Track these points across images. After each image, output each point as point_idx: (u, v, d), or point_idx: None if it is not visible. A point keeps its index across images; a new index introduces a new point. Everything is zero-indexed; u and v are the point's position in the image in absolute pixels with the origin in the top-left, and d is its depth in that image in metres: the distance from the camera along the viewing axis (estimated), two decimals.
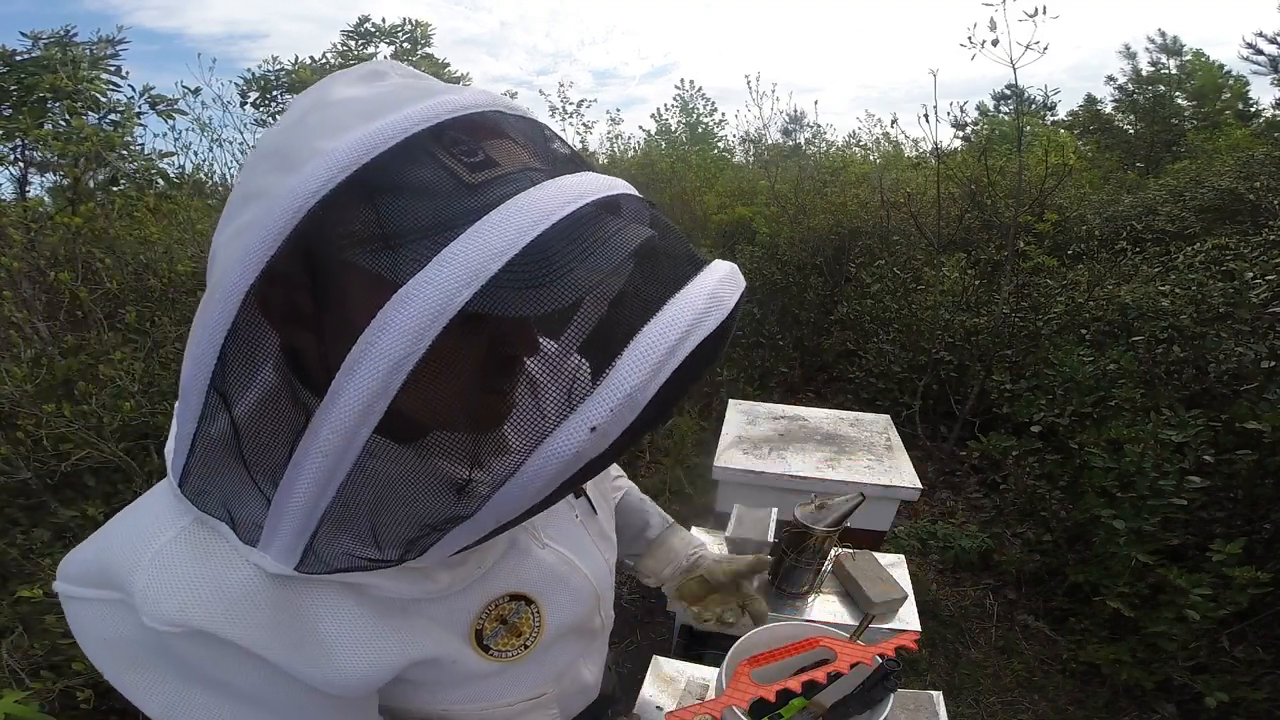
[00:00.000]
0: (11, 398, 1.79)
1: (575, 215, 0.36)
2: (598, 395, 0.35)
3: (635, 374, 0.35)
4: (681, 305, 0.37)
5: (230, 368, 0.38)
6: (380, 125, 0.36)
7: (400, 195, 0.35)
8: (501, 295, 0.34)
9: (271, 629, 0.44)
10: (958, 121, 5.16)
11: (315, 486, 0.38)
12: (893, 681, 0.78)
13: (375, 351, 0.33)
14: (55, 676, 1.59)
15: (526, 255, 0.34)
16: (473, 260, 0.33)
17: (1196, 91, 8.39)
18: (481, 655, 0.57)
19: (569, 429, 0.35)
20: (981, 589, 2.55)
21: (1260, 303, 2.35)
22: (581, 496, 0.68)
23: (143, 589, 0.42)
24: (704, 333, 0.37)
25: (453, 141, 0.38)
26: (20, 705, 1.40)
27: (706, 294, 0.38)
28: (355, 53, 6.26)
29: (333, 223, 0.35)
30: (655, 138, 8.22)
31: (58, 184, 3.46)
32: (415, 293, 0.33)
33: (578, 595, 0.64)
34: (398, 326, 0.33)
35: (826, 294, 4.27)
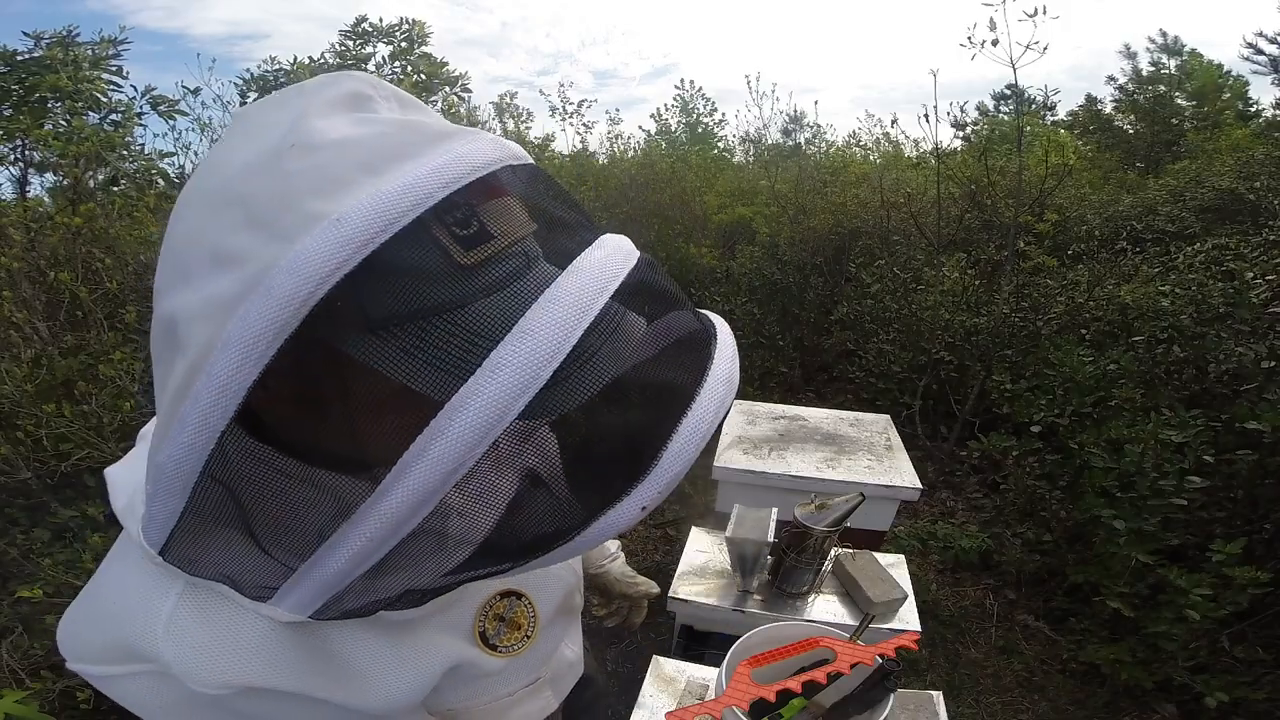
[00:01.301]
0: (11, 398, 1.79)
1: (608, 307, 0.36)
2: (650, 480, 0.36)
3: (680, 461, 0.37)
4: (709, 394, 0.39)
5: (230, 456, 0.36)
6: (390, 190, 0.31)
7: (413, 281, 0.33)
8: (552, 400, 0.34)
9: (309, 671, 0.45)
10: (958, 121, 5.16)
11: (353, 564, 0.37)
12: (893, 681, 0.78)
13: (430, 458, 0.32)
14: (55, 676, 1.59)
15: (574, 357, 0.34)
16: (526, 366, 0.32)
17: (1196, 91, 8.38)
18: (491, 654, 0.60)
19: (626, 508, 0.37)
20: (981, 589, 2.55)
21: (1260, 303, 2.35)
22: None
23: (174, 660, 0.42)
24: (725, 412, 0.39)
25: (466, 218, 0.35)
26: (20, 705, 1.40)
27: (724, 379, 0.40)
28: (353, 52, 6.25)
29: (344, 313, 0.32)
30: (655, 138, 8.21)
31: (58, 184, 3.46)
32: (468, 404, 0.32)
33: (561, 579, 0.68)
34: (454, 434, 0.32)
35: (826, 294, 4.27)
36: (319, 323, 0.31)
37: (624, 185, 4.94)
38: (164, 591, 0.44)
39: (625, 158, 6.49)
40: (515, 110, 6.33)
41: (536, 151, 5.70)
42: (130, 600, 0.44)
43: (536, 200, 0.41)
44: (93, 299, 2.18)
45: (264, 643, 0.44)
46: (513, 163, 0.39)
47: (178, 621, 0.43)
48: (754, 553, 1.28)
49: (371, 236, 0.30)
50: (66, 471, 1.85)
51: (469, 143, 0.36)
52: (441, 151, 0.34)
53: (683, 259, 4.78)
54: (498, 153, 0.37)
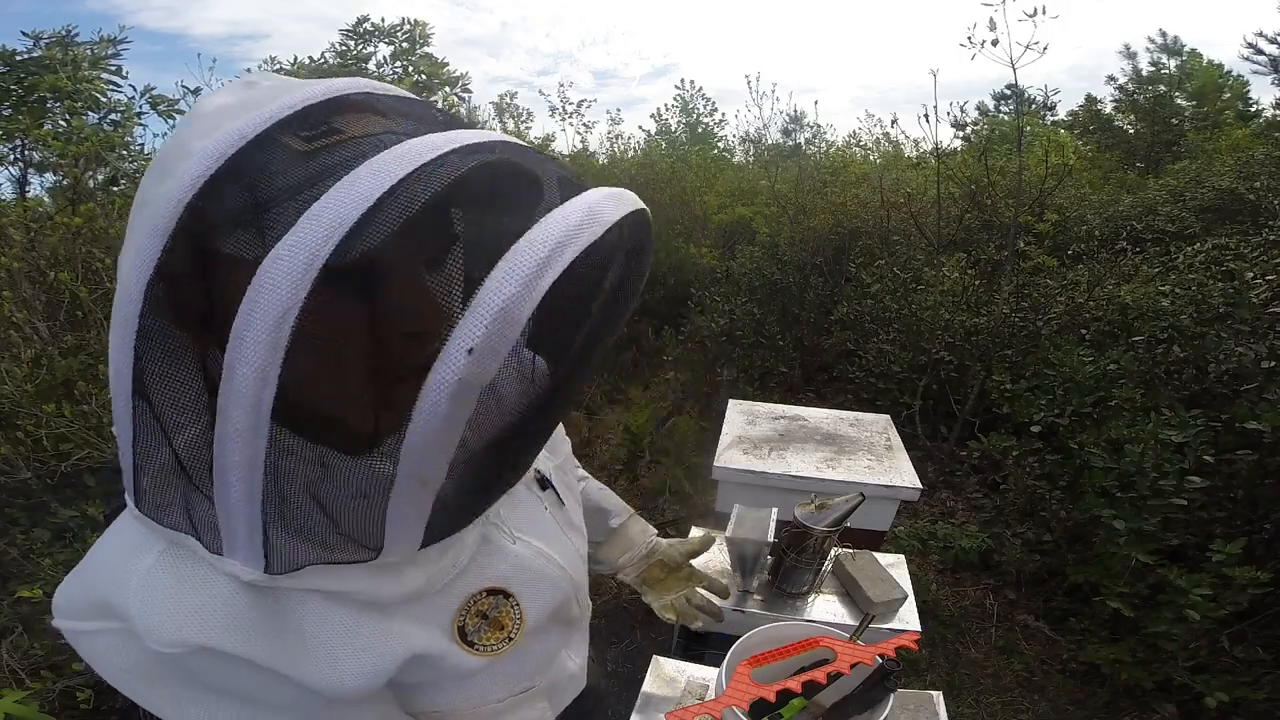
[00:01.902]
0: (11, 398, 1.79)
1: (438, 159, 0.36)
2: (469, 315, 0.35)
3: (506, 287, 0.35)
4: (554, 218, 0.37)
5: (148, 372, 0.38)
6: (243, 120, 0.37)
7: (264, 178, 0.36)
8: (366, 242, 0.34)
9: (266, 638, 0.45)
10: (958, 121, 5.16)
11: (242, 470, 0.38)
12: (893, 681, 0.78)
13: (256, 315, 0.34)
14: (55, 676, 1.59)
15: (386, 200, 0.34)
16: (334, 213, 0.34)
17: (1196, 91, 8.38)
18: (468, 650, 0.58)
19: (447, 357, 0.35)
20: (981, 589, 2.55)
21: (1260, 303, 2.35)
22: (549, 489, 0.70)
23: (137, 615, 0.43)
24: (582, 244, 0.37)
25: (314, 124, 0.39)
26: (20, 705, 1.40)
27: (584, 208, 0.38)
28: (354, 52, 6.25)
29: (207, 214, 0.36)
30: (655, 138, 8.21)
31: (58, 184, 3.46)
32: (281, 252, 0.34)
33: (555, 584, 0.66)
34: (269, 286, 0.34)
35: (826, 294, 4.27)
36: (191, 227, 0.36)
37: (624, 185, 4.93)
38: (145, 550, 0.45)
39: (625, 158, 6.50)
40: (515, 110, 6.33)
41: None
42: (112, 557, 0.46)
43: (399, 111, 0.43)
44: (93, 299, 2.18)
45: (224, 605, 0.44)
46: (371, 90, 0.42)
47: (149, 578, 0.44)
48: (754, 553, 1.28)
49: (221, 152, 0.35)
50: (66, 471, 1.85)
51: (322, 81, 0.40)
52: (297, 89, 0.39)
53: (683, 259, 4.78)
54: (349, 83, 0.42)
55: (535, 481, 0.69)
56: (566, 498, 0.73)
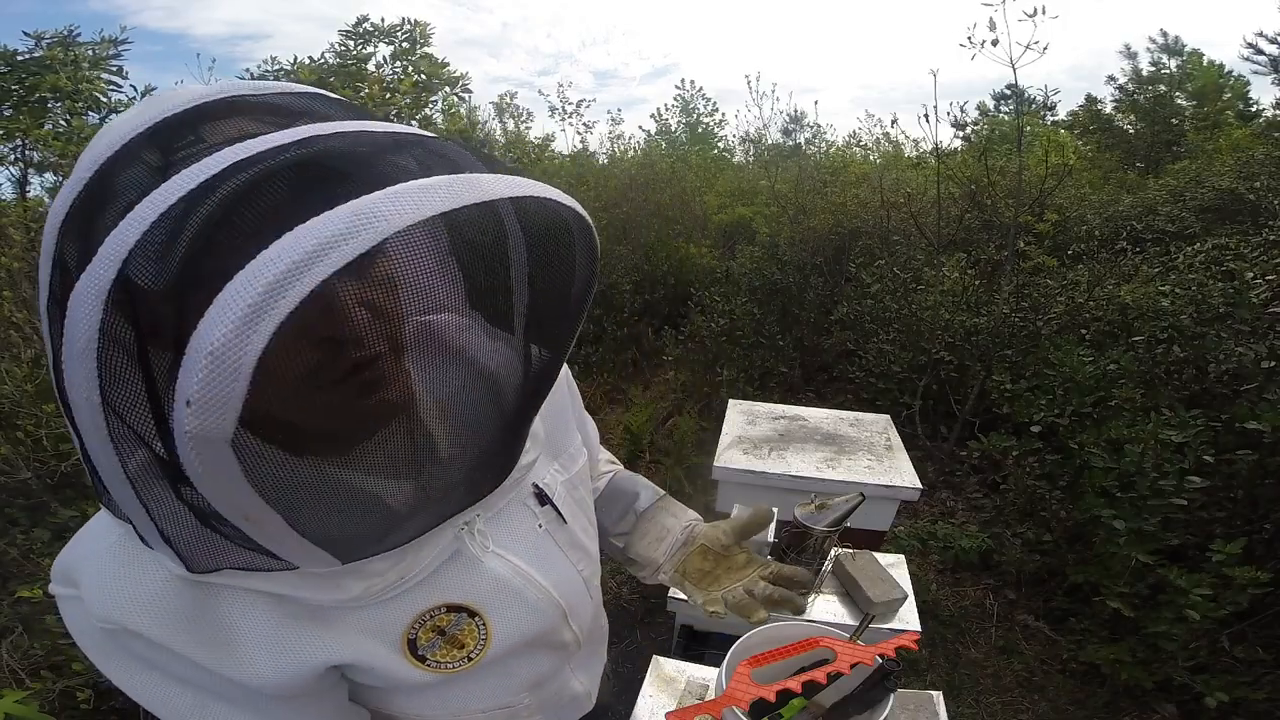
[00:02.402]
0: (11, 398, 1.79)
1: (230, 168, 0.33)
2: (185, 362, 0.31)
3: (214, 330, 0.30)
4: (299, 234, 0.31)
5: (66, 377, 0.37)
6: (104, 141, 0.37)
7: (112, 201, 0.35)
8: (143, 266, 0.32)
9: (189, 631, 0.47)
10: (958, 121, 5.15)
11: (115, 484, 0.38)
12: (893, 681, 0.78)
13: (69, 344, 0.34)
14: (55, 676, 1.59)
15: (166, 217, 0.32)
16: (117, 239, 0.33)
17: (1196, 91, 8.37)
18: (416, 665, 0.56)
19: (176, 409, 0.32)
20: (981, 589, 2.55)
21: (1260, 303, 2.35)
22: (547, 504, 0.64)
23: (84, 590, 0.47)
24: (331, 266, 0.31)
25: (181, 134, 0.37)
26: (20, 705, 1.40)
27: (349, 214, 0.32)
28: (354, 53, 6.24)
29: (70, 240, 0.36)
30: (655, 138, 8.22)
31: (58, 184, 3.46)
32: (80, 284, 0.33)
33: (534, 608, 0.62)
34: (70, 313, 0.33)
35: (826, 294, 4.27)
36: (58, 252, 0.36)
37: (624, 185, 4.94)
38: (110, 532, 0.48)
39: (625, 158, 6.50)
40: (515, 110, 6.32)
41: (536, 151, 5.69)
42: (88, 533, 0.50)
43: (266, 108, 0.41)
44: None
45: (154, 592, 0.46)
46: (244, 93, 0.41)
47: (102, 557, 0.47)
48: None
49: (83, 176, 0.37)
50: (66, 471, 1.85)
51: (178, 91, 0.40)
52: (165, 100, 0.39)
53: (683, 259, 4.78)
54: (207, 90, 0.40)
55: (533, 496, 0.64)
56: (573, 516, 0.68)
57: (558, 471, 0.68)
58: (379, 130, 0.39)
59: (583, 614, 0.69)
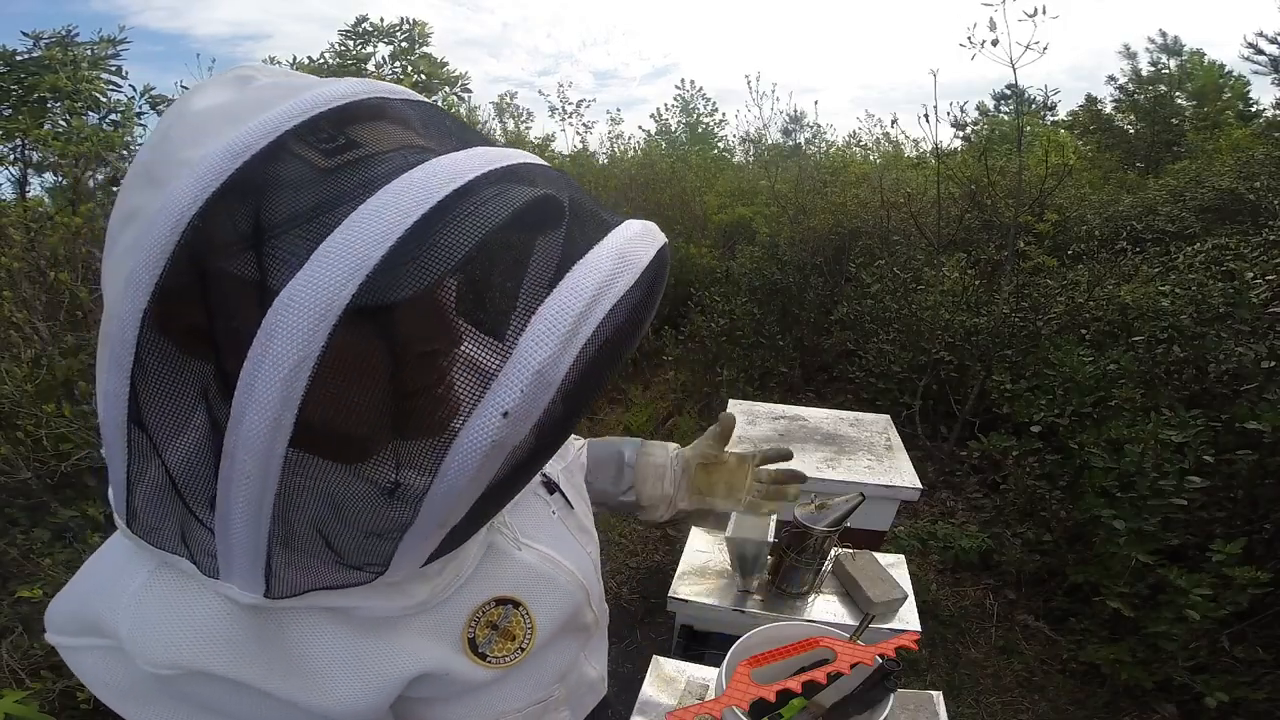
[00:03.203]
0: (11, 398, 1.79)
1: (461, 190, 0.34)
2: (505, 377, 0.33)
3: (541, 349, 0.33)
4: (587, 269, 0.35)
5: (144, 399, 0.36)
6: (247, 128, 0.33)
7: (273, 197, 0.33)
8: (389, 284, 0.32)
9: (260, 661, 0.44)
10: (958, 121, 5.15)
11: (248, 511, 0.36)
12: (893, 681, 0.78)
13: (268, 363, 0.31)
14: (55, 676, 1.59)
15: (410, 238, 0.32)
16: (354, 250, 0.31)
17: (1196, 91, 8.37)
18: (479, 663, 0.56)
19: (481, 418, 0.33)
20: (981, 589, 2.55)
21: (1260, 303, 2.35)
22: (555, 492, 0.67)
23: (128, 636, 0.42)
24: (615, 296, 0.35)
25: (327, 135, 0.35)
26: (20, 705, 1.40)
27: (614, 254, 0.36)
28: (353, 52, 6.24)
29: (211, 235, 0.33)
30: (655, 138, 8.22)
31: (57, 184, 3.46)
32: (296, 294, 0.31)
33: (565, 592, 0.63)
34: (284, 332, 0.31)
35: (826, 294, 4.27)
36: (193, 248, 0.33)
37: (624, 185, 4.95)
38: (137, 568, 0.44)
39: (625, 158, 6.50)
40: (515, 110, 6.33)
41: (537, 151, 5.69)
42: (104, 575, 0.45)
43: (413, 121, 0.40)
44: (93, 299, 2.18)
45: (217, 625, 0.43)
46: (386, 95, 0.40)
47: (141, 598, 0.43)
48: (754, 553, 1.29)
49: (225, 166, 0.32)
50: (66, 471, 1.86)
51: (332, 83, 0.37)
52: (303, 91, 0.36)
53: (683, 259, 4.78)
54: (363, 87, 0.38)
55: (542, 485, 0.66)
56: (576, 501, 0.70)
57: (557, 460, 0.70)
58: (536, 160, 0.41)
59: (597, 595, 0.71)
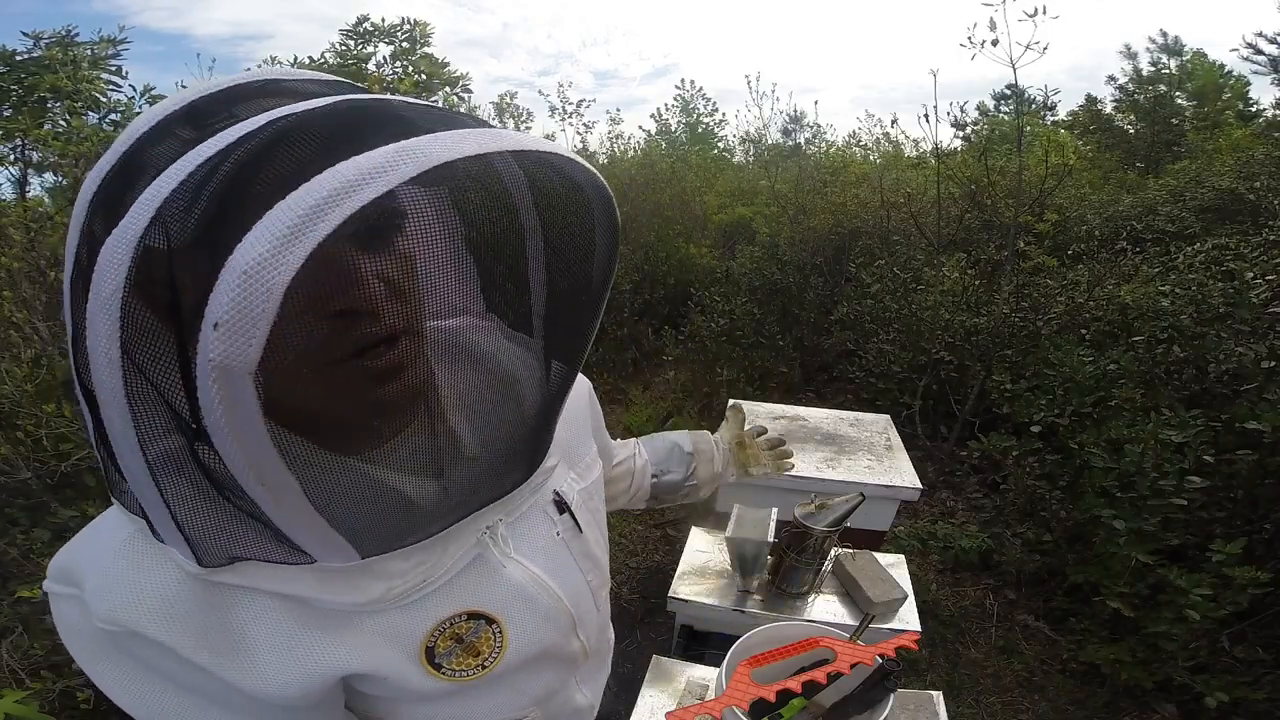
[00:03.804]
0: (11, 398, 1.79)
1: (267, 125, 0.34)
2: (216, 287, 0.30)
3: (252, 250, 0.30)
4: (343, 166, 0.31)
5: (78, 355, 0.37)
6: (137, 122, 0.38)
7: (147, 171, 0.35)
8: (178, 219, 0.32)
9: (198, 634, 0.45)
10: (958, 121, 5.14)
11: (132, 465, 0.37)
12: (893, 681, 0.78)
13: (95, 300, 0.33)
14: (55, 676, 1.59)
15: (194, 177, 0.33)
16: (156, 194, 0.33)
17: (1197, 91, 8.37)
18: (432, 673, 0.54)
19: (202, 337, 0.31)
20: (981, 589, 2.55)
21: (1260, 303, 2.35)
22: (565, 513, 0.64)
23: (90, 589, 0.45)
24: (379, 188, 0.31)
25: (215, 112, 0.38)
26: (20, 705, 1.40)
27: (392, 151, 0.32)
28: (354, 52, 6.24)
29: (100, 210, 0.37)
30: (655, 138, 8.22)
31: (57, 184, 3.46)
32: (112, 236, 0.33)
33: (548, 617, 0.61)
34: (100, 270, 0.33)
35: (826, 294, 4.27)
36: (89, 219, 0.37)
37: (624, 185, 4.94)
38: (118, 531, 0.46)
39: (625, 158, 6.50)
40: (515, 110, 6.33)
41: None
42: (94, 531, 0.49)
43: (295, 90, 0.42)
44: None
45: (165, 593, 0.44)
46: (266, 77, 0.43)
47: (111, 557, 0.45)
48: (754, 553, 1.29)
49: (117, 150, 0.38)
50: (66, 471, 1.85)
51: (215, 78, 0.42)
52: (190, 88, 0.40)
53: (683, 259, 4.78)
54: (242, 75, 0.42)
55: (553, 504, 0.63)
56: (589, 526, 0.67)
57: (574, 480, 0.68)
58: (408, 99, 0.40)
59: (589, 625, 0.69)
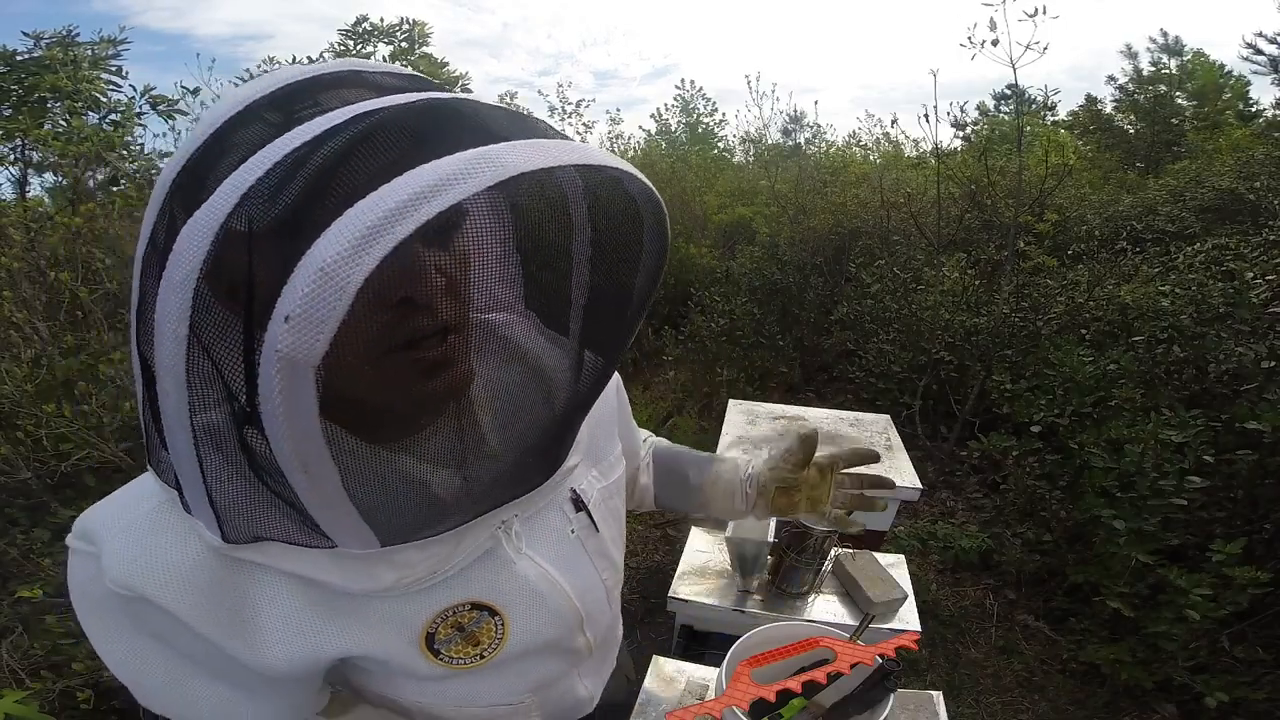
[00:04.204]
0: (11, 398, 1.79)
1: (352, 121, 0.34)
2: (291, 280, 0.31)
3: (331, 247, 0.30)
4: (424, 169, 0.32)
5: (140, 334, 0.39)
6: (224, 105, 0.39)
7: (232, 153, 0.36)
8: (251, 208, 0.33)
9: (208, 606, 0.46)
10: (958, 121, 5.14)
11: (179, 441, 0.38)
12: (893, 681, 0.78)
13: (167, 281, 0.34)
14: (55, 676, 1.59)
15: (278, 168, 0.33)
16: (236, 179, 0.33)
17: (1197, 91, 8.38)
18: (430, 659, 0.56)
19: (271, 326, 0.31)
20: (981, 589, 2.55)
21: (1260, 303, 2.35)
22: (582, 511, 0.64)
23: (107, 552, 0.46)
24: (459, 194, 0.32)
25: (301, 99, 0.39)
26: (20, 705, 1.40)
27: (471, 157, 0.33)
28: (353, 52, 6.25)
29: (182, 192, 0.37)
30: (655, 138, 8.23)
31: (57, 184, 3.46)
32: (192, 220, 0.34)
33: (555, 614, 0.61)
34: (177, 252, 0.34)
35: (826, 294, 4.27)
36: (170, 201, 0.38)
37: None
38: (148, 498, 0.48)
39: (625, 158, 6.50)
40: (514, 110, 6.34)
41: None
42: (125, 497, 0.49)
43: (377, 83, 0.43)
44: (93, 299, 2.18)
45: (183, 564, 0.45)
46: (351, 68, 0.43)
47: (138, 522, 0.46)
48: (754, 553, 1.29)
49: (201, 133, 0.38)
50: (66, 471, 1.85)
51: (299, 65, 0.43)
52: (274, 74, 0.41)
53: (683, 259, 4.78)
54: (341, 63, 0.43)
55: (569, 501, 0.63)
56: (605, 525, 0.67)
57: (596, 478, 0.67)
58: (491, 102, 0.41)
59: (599, 622, 0.69)
